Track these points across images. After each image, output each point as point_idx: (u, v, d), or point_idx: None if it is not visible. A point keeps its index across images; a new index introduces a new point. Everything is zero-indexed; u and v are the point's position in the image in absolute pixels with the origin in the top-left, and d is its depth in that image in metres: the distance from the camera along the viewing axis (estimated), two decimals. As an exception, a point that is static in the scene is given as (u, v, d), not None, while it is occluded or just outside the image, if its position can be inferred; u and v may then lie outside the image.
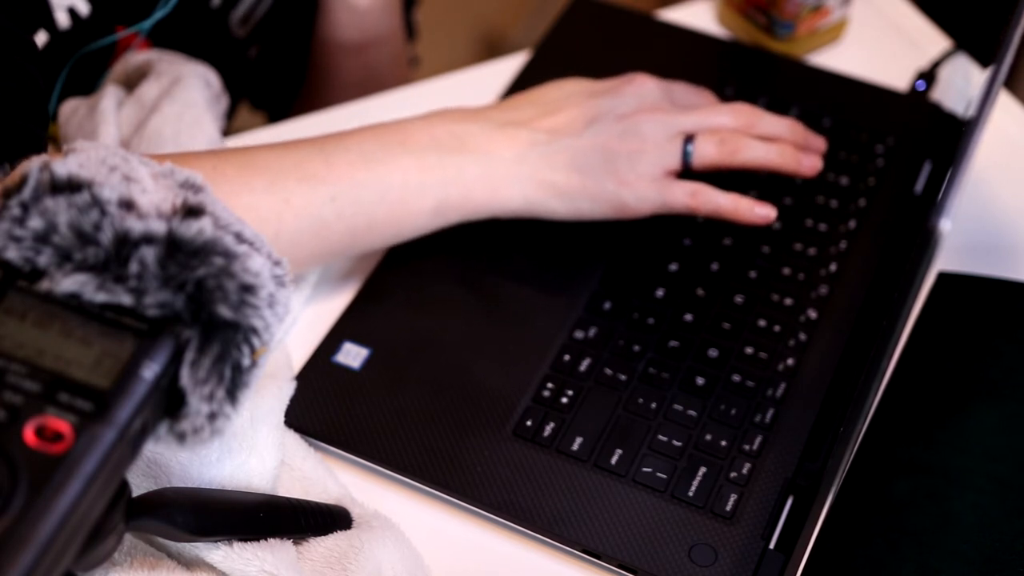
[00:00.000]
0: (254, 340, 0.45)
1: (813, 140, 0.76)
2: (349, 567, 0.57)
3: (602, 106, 0.72)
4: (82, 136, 0.74)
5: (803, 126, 0.76)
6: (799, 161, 0.73)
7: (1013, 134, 0.84)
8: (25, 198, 0.44)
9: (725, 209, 0.71)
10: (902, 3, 0.93)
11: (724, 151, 0.71)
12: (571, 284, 0.72)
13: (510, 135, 0.70)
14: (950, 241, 0.66)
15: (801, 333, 0.70)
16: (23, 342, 0.42)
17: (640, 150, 0.70)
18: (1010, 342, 0.68)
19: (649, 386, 0.67)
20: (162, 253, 0.44)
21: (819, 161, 0.74)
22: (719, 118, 0.73)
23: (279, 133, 0.82)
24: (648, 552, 0.60)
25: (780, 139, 0.74)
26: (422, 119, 0.70)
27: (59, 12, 0.74)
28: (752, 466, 0.64)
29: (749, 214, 0.71)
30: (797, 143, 0.74)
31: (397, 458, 0.64)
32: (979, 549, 0.58)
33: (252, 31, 0.93)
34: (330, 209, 0.65)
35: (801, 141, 0.75)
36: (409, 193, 0.67)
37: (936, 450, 0.63)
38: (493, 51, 1.83)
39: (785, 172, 0.73)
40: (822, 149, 0.76)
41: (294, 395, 0.66)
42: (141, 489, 0.58)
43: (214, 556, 0.55)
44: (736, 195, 0.71)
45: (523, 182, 0.69)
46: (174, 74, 0.76)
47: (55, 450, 0.40)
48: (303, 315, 0.71)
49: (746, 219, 0.71)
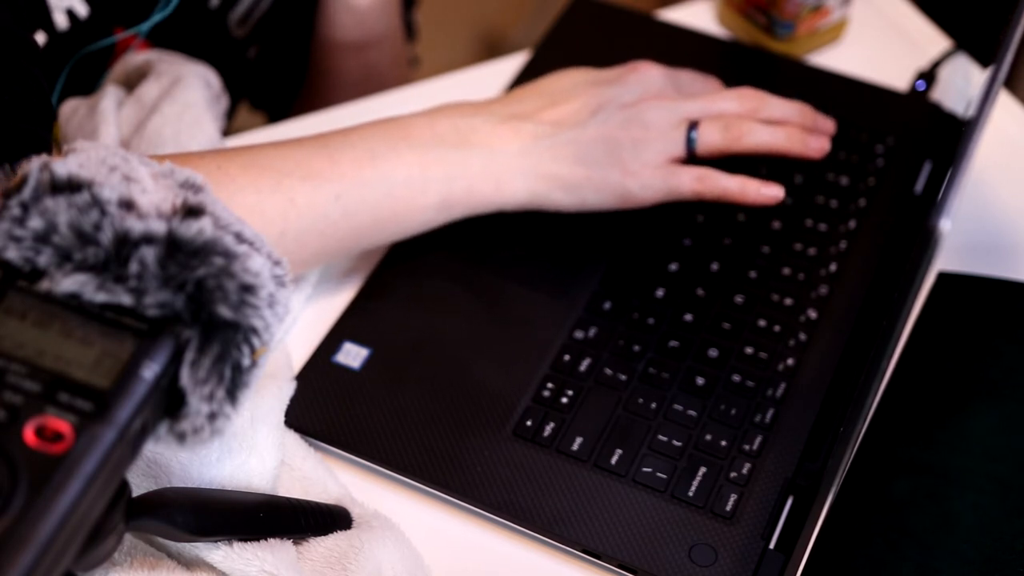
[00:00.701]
0: (254, 340, 0.45)
1: (822, 122, 0.75)
2: (349, 567, 0.57)
3: (605, 95, 0.71)
4: (82, 136, 0.74)
5: (811, 108, 0.75)
6: (806, 143, 0.72)
7: (1013, 134, 0.84)
8: (25, 198, 0.44)
9: (732, 192, 0.70)
10: (902, 3, 0.93)
11: (729, 136, 0.71)
12: (571, 284, 0.72)
13: (514, 128, 0.70)
14: (950, 241, 0.66)
15: (801, 333, 0.70)
16: (23, 342, 0.42)
17: (644, 138, 0.70)
18: (1010, 342, 0.68)
19: (649, 386, 0.67)
20: (162, 253, 0.44)
21: (827, 143, 0.73)
22: (724, 103, 0.72)
23: (279, 133, 0.82)
24: (648, 552, 0.60)
25: (787, 122, 0.73)
26: (425, 114, 0.70)
27: (57, 13, 0.74)
28: (752, 466, 0.64)
29: (756, 195, 0.70)
30: (805, 125, 0.73)
31: (397, 458, 0.64)
32: (979, 549, 0.58)
33: (251, 31, 0.93)
34: (335, 207, 0.65)
35: (809, 123, 0.74)
36: (414, 189, 0.67)
37: (936, 450, 0.63)
38: (493, 51, 1.83)
39: (792, 155, 0.72)
40: (831, 131, 0.75)
41: (294, 395, 0.66)
42: (141, 489, 0.58)
43: (214, 556, 0.55)
44: (743, 177, 0.70)
45: (527, 175, 0.69)
46: (174, 74, 0.76)
47: (55, 450, 0.40)
48: (303, 315, 0.71)
49: (754, 200, 0.70)
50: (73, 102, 0.76)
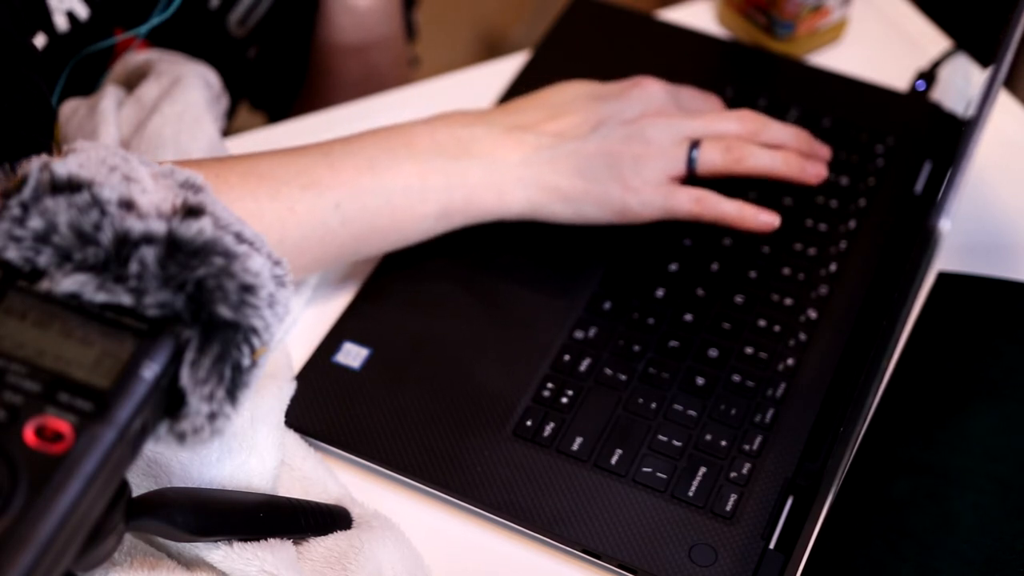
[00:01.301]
0: (254, 340, 0.45)
1: (818, 148, 0.77)
2: (349, 567, 0.57)
3: (608, 110, 0.72)
4: (82, 136, 0.74)
5: (808, 134, 0.76)
6: (804, 169, 0.74)
7: (1013, 134, 0.84)
8: (25, 198, 0.44)
9: (729, 216, 0.71)
10: (902, 3, 0.93)
11: (729, 158, 0.72)
12: (571, 284, 0.72)
13: (515, 139, 0.70)
14: (950, 241, 0.66)
15: (801, 333, 0.70)
16: (23, 342, 0.42)
17: (645, 155, 0.70)
18: (1010, 342, 0.68)
19: (649, 386, 0.67)
20: (162, 253, 0.44)
21: (824, 169, 0.75)
22: (725, 124, 0.73)
23: (279, 133, 0.82)
24: (648, 552, 0.60)
25: (785, 147, 0.74)
26: (425, 123, 0.70)
27: (58, 15, 0.74)
28: (752, 466, 0.64)
29: (753, 221, 0.72)
30: (802, 151, 0.75)
31: (397, 458, 0.64)
32: (979, 549, 0.58)
33: (251, 32, 0.93)
34: (335, 216, 0.65)
35: (806, 149, 0.76)
36: (414, 198, 0.67)
37: (936, 450, 0.63)
38: (493, 51, 1.83)
39: (789, 180, 0.74)
40: (827, 157, 0.77)
41: (294, 395, 0.66)
42: (141, 489, 0.58)
43: (214, 556, 0.55)
44: (740, 202, 0.71)
45: (528, 186, 0.69)
46: (174, 74, 0.76)
47: (55, 450, 0.40)
48: (303, 315, 0.71)
49: (750, 226, 0.72)
50: (73, 102, 0.76)
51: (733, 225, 0.72)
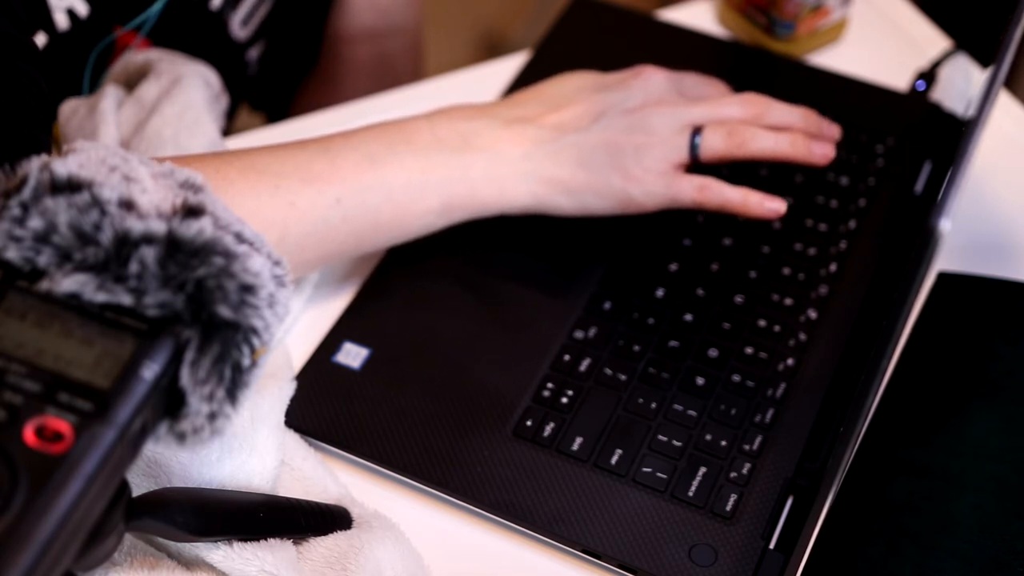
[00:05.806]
0: (254, 340, 0.45)
1: (826, 127, 0.74)
2: (349, 567, 0.57)
3: (609, 100, 0.71)
4: (82, 136, 0.74)
5: (816, 113, 0.74)
6: (811, 150, 0.71)
7: (1013, 134, 0.84)
8: (25, 198, 0.44)
9: (734, 203, 0.70)
10: (902, 3, 0.93)
11: (732, 142, 0.70)
12: (571, 284, 0.72)
13: (516, 132, 0.70)
14: (950, 241, 0.66)
15: (801, 333, 0.70)
16: (23, 342, 0.42)
17: (647, 144, 0.69)
18: (1010, 343, 0.68)
19: (649, 386, 0.67)
20: (162, 253, 0.44)
21: (831, 149, 0.72)
22: (728, 109, 0.72)
23: (279, 133, 0.82)
24: (648, 552, 0.60)
25: (792, 128, 0.72)
26: (426, 117, 0.70)
27: (58, 13, 0.74)
28: (752, 466, 0.64)
29: (759, 208, 0.70)
30: (809, 131, 0.73)
31: (397, 458, 0.64)
32: (979, 549, 0.58)
33: (255, 32, 0.93)
34: (336, 211, 0.65)
35: (814, 129, 0.73)
36: (415, 193, 0.67)
37: (936, 451, 0.63)
38: (493, 51, 1.83)
39: (796, 161, 0.72)
40: (836, 137, 0.74)
41: (294, 395, 0.66)
42: (141, 489, 0.58)
43: (214, 556, 0.55)
44: (745, 189, 0.70)
45: (530, 180, 0.69)
46: (174, 74, 0.76)
47: (55, 450, 0.40)
48: (303, 315, 0.71)
49: (755, 213, 0.70)
50: (73, 102, 0.76)
51: (738, 212, 0.70)
